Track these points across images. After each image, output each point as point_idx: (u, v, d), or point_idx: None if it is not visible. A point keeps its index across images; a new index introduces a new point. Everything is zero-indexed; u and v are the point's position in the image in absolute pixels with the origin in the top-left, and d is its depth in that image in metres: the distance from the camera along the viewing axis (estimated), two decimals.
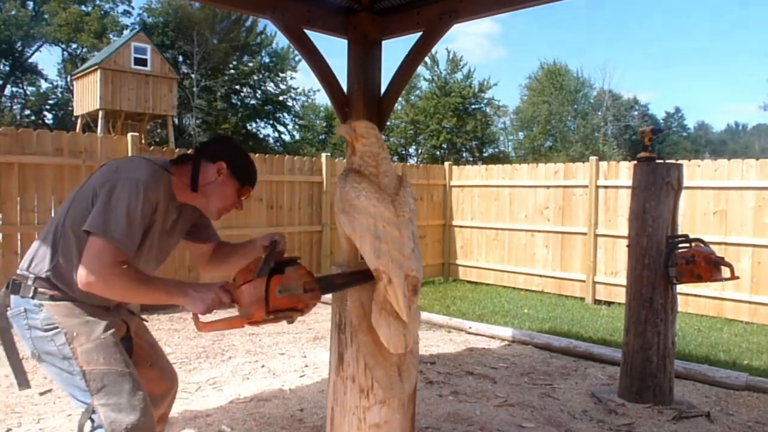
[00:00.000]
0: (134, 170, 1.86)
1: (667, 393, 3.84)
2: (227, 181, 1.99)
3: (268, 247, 1.93)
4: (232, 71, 31.24)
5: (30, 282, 1.86)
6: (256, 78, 32.29)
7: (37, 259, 1.90)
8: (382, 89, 3.66)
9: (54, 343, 1.83)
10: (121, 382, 1.83)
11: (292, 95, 34.02)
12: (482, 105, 30.16)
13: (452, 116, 28.52)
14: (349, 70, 3.66)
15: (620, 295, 6.95)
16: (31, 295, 1.85)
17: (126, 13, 32.25)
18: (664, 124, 45.83)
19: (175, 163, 2.01)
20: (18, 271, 1.92)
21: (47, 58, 75.04)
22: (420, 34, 3.50)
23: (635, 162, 4.05)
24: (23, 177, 5.79)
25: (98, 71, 17.93)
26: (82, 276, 1.72)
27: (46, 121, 32.12)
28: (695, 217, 6.96)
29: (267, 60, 32.81)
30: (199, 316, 1.70)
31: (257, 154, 7.70)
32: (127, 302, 2.05)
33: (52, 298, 1.86)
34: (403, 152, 31.19)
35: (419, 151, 31.36)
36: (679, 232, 3.92)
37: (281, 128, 34.39)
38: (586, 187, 7.88)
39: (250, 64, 31.65)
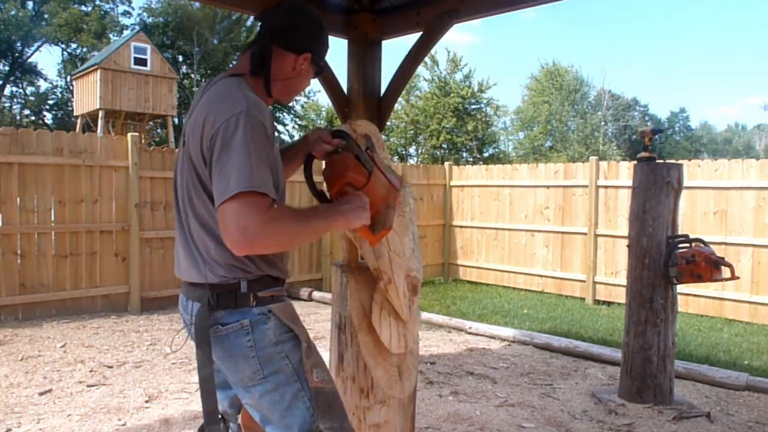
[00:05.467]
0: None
1: (668, 393, 3.84)
2: (307, 73, 1.65)
3: (336, 142, 1.66)
4: None
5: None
6: None
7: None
8: (382, 89, 3.65)
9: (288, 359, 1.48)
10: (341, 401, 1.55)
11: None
12: (482, 105, 30.12)
13: (452, 116, 28.47)
14: (349, 70, 3.66)
15: (620, 295, 6.95)
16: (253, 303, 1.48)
17: (126, 13, 32.37)
18: (669, 124, 45.77)
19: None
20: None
21: (47, 58, 75.21)
22: (420, 34, 3.50)
23: (635, 162, 4.05)
24: (23, 177, 5.79)
25: (98, 71, 17.94)
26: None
27: (46, 121, 32.13)
28: (695, 217, 6.96)
29: None
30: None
31: None
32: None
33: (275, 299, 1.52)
34: (403, 152, 31.14)
35: (419, 151, 31.30)
36: (680, 232, 3.92)
37: (281, 128, 34.41)
38: (586, 187, 7.88)
39: None
